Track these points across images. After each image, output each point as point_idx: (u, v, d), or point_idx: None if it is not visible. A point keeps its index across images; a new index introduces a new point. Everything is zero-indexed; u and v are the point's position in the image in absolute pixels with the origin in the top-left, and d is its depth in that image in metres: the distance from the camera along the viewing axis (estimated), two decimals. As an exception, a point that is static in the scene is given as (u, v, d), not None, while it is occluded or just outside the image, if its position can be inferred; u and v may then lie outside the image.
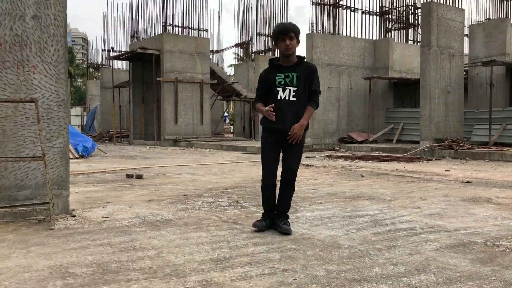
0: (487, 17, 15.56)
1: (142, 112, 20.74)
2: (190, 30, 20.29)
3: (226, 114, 37.20)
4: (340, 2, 17.25)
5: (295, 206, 4.83)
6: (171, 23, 19.90)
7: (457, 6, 13.53)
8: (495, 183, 6.78)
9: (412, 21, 19.43)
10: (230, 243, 3.29)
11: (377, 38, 18.09)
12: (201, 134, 19.44)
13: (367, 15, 18.02)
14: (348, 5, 17.43)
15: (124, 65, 25.85)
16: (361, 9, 17.80)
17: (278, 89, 3.62)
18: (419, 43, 17.40)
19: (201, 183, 6.78)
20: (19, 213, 4.04)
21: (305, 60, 3.78)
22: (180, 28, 20.08)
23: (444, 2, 13.30)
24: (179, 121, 18.94)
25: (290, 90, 3.62)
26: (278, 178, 3.75)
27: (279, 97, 3.62)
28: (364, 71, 17.15)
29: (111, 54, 23.85)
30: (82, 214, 4.37)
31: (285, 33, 3.60)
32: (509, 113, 13.36)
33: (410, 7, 19.40)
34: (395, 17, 19.16)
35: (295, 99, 3.62)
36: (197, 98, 19.43)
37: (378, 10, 18.34)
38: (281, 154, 3.79)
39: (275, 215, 3.78)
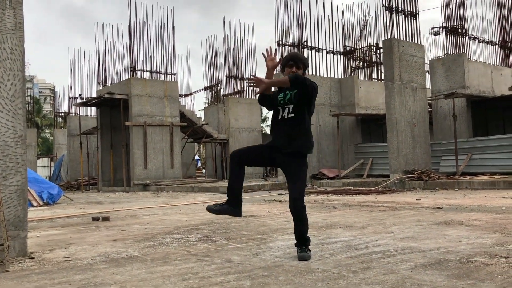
0: (445, 52, 16.22)
1: (111, 158, 20.36)
2: (158, 74, 20.37)
3: (197, 157, 36.99)
4: (305, 43, 17.72)
5: (267, 237, 4.70)
6: (139, 68, 19.95)
7: (416, 42, 14.06)
8: (465, 208, 6.82)
9: (375, 60, 20.09)
10: (198, 274, 3.12)
11: (342, 77, 18.55)
12: (172, 177, 19.14)
13: (332, 55, 18.53)
14: (313, 45, 17.91)
15: (92, 111, 25.60)
16: (325, 49, 18.30)
17: (278, 107, 3.65)
18: (382, 81, 17.91)
19: (170, 222, 6.56)
20: (-29, 257, 3.75)
21: None
22: (148, 73, 20.14)
23: (404, 39, 13.81)
24: (149, 165, 18.65)
25: (289, 108, 3.61)
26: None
27: (279, 117, 3.64)
28: (331, 108, 17.45)
29: (79, 101, 23.62)
30: (42, 256, 4.11)
31: (295, 60, 3.66)
32: (473, 143, 13.72)
33: (372, 47, 20.11)
34: (358, 56, 19.78)
35: (292, 114, 3.60)
36: (167, 141, 19.26)
37: (342, 50, 18.91)
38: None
39: (238, 202, 3.61)
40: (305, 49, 17.73)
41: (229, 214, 3.60)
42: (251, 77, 3.69)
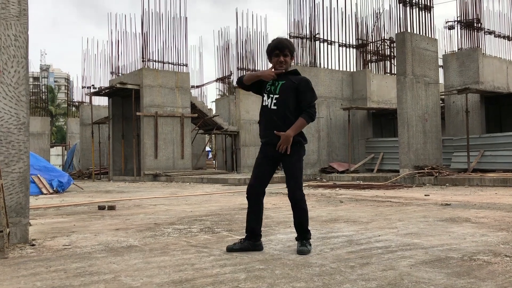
0: (460, 46, 15.94)
1: (122, 148, 20.48)
2: (170, 65, 20.36)
3: (209, 149, 37.01)
4: (317, 36, 17.56)
5: (269, 229, 4.66)
6: (151, 58, 19.97)
7: (430, 36, 13.83)
8: (474, 205, 6.71)
9: (388, 54, 19.83)
10: (194, 266, 3.09)
11: (355, 70, 18.36)
12: (182, 168, 19.20)
13: (344, 48, 18.34)
14: (325, 38, 17.74)
15: (104, 101, 25.74)
16: (338, 42, 18.12)
17: (264, 94, 3.56)
18: (395, 75, 17.68)
19: (175, 212, 6.56)
20: (-28, 243, 3.77)
21: (299, 74, 3.61)
22: (160, 63, 20.15)
23: (418, 32, 13.59)
24: (159, 156, 18.72)
25: (272, 98, 3.50)
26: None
27: (264, 103, 3.55)
28: (342, 102, 17.30)
29: (91, 90, 23.76)
30: (43, 243, 4.12)
31: (281, 49, 3.50)
32: (486, 140, 13.50)
33: (386, 40, 19.84)
34: (371, 49, 19.54)
35: (275, 107, 3.49)
36: (178, 132, 19.30)
37: (354, 43, 18.70)
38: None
39: (257, 236, 3.56)
40: (318, 42, 17.57)
41: (250, 250, 3.48)
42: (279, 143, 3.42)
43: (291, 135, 3.40)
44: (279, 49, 3.49)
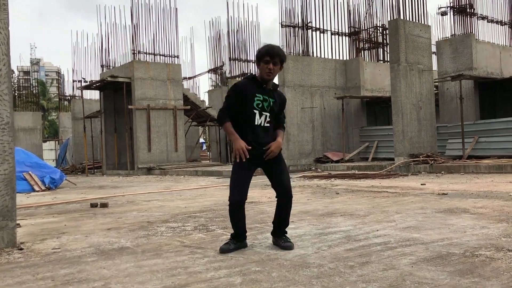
0: (453, 33, 15.83)
1: (115, 142, 20.28)
2: (161, 57, 20.11)
3: (203, 140, 36.84)
4: (309, 24, 17.36)
5: (265, 226, 4.56)
6: (141, 50, 19.69)
7: (423, 23, 13.70)
8: (471, 194, 6.64)
9: (381, 41, 19.68)
10: (188, 269, 2.98)
11: (348, 58, 18.20)
12: (176, 161, 19.05)
13: (337, 36, 18.16)
14: (318, 26, 17.55)
15: (95, 95, 25.46)
16: (331, 31, 17.94)
17: (255, 111, 3.41)
18: (389, 62, 17.55)
19: (169, 208, 6.44)
20: (-43, 249, 3.64)
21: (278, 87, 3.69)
22: (151, 55, 19.89)
23: (411, 19, 13.45)
24: (152, 149, 18.55)
25: (266, 116, 3.47)
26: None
27: (256, 122, 3.43)
28: (336, 91, 17.17)
29: (82, 84, 23.47)
30: (32, 246, 3.99)
31: (272, 56, 3.36)
32: (480, 126, 13.45)
33: (378, 27, 19.67)
34: (364, 37, 19.37)
35: (268, 125, 3.51)
36: (171, 125, 19.12)
37: (347, 31, 18.52)
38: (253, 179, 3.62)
39: (245, 237, 3.62)
40: (310, 30, 17.38)
41: (239, 249, 3.53)
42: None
43: (281, 143, 3.59)
44: (270, 56, 3.36)
